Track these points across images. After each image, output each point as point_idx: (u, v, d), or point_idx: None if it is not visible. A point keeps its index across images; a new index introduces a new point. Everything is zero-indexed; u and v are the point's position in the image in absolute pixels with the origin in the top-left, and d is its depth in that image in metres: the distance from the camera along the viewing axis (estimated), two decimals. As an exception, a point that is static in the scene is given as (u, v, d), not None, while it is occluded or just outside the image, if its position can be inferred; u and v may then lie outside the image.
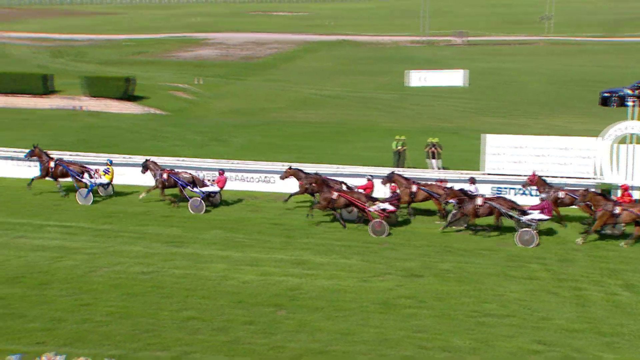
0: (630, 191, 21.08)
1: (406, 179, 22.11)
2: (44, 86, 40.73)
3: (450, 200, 20.61)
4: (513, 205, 20.02)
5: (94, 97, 40.20)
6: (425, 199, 21.94)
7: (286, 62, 61.73)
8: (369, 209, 20.54)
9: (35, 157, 23.94)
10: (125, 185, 24.36)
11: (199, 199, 22.41)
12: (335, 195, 20.85)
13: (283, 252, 18.79)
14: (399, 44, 77.00)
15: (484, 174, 24.23)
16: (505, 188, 23.51)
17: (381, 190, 22.78)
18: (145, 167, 23.47)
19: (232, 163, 25.33)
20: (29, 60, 57.10)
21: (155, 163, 23.56)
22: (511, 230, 20.24)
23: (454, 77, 51.18)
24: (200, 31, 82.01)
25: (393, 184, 21.84)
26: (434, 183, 22.31)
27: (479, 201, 20.18)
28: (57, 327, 14.03)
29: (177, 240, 19.55)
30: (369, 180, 22.39)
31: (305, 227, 21.20)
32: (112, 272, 17.07)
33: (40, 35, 74.66)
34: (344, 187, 21.93)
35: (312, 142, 33.16)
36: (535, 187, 21.85)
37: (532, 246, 19.37)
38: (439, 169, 26.39)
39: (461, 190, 20.66)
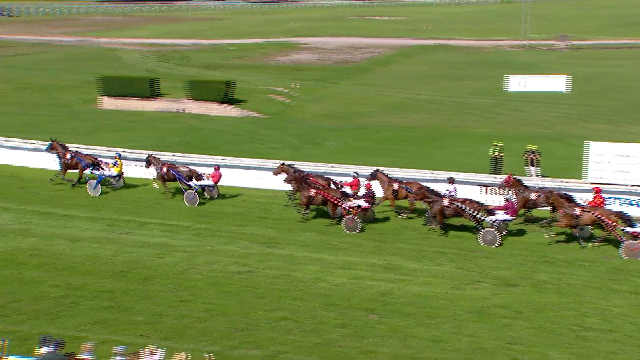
0: (602, 194, 20.92)
1: (389, 177, 22.62)
2: (151, 89, 42.42)
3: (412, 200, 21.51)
4: (479, 207, 20.24)
5: (196, 100, 41.52)
6: (407, 197, 22.05)
7: (381, 66, 61.55)
8: (343, 205, 21.11)
9: (53, 151, 25.42)
10: (224, 187, 24.97)
11: (193, 192, 23.38)
12: (312, 192, 21.52)
13: (375, 257, 18.71)
14: (498, 48, 75.14)
15: (586, 182, 23.25)
16: (610, 198, 22.37)
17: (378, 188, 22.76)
18: (148, 162, 24.61)
19: (328, 167, 25.49)
20: (138, 64, 59.69)
21: (156, 158, 24.67)
22: (614, 242, 19.31)
23: (556, 83, 49.27)
24: (298, 36, 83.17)
25: (368, 183, 22.42)
26: (414, 182, 22.42)
27: (446, 202, 20.44)
28: (159, 321, 14.56)
29: (271, 241, 19.86)
30: (354, 177, 23.07)
31: (398, 232, 21.04)
32: (209, 270, 17.55)
33: (148, 40, 77.94)
34: (332, 185, 22.60)
35: (405, 147, 32.89)
36: (511, 189, 21.72)
37: (494, 246, 19.41)
38: (537, 176, 25.52)
39: (430, 189, 21.04)
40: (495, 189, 23.49)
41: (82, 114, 39.79)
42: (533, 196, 21.09)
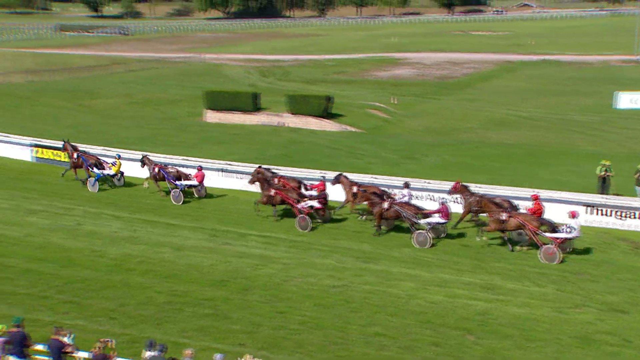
0: (539, 200, 21.30)
1: (350, 180, 23.85)
2: (254, 104, 43.54)
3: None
4: (417, 210, 21.25)
5: (296, 114, 42.20)
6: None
7: (482, 82, 60.35)
8: (297, 205, 22.46)
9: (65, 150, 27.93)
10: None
11: (179, 190, 25.34)
12: (272, 192, 23.05)
13: (472, 275, 18.28)
14: (607, 64, 71.90)
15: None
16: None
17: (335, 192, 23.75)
18: (142, 162, 26.48)
19: (425, 182, 25.18)
20: (241, 79, 61.46)
21: (149, 159, 26.52)
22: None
23: (670, 99, 46.55)
24: (398, 51, 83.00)
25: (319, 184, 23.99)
26: (371, 185, 23.55)
27: (385, 205, 21.40)
28: (256, 331, 14.83)
29: (367, 256, 19.81)
30: (321, 181, 24.42)
31: (496, 250, 20.46)
32: (305, 282, 17.72)
33: (252, 56, 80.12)
34: (302, 187, 24.12)
35: (506, 164, 31.99)
36: (459, 194, 22.52)
37: (427, 247, 20.40)
38: (648, 197, 24.14)
39: (374, 193, 22.07)
40: (601, 209, 22.46)
41: (189, 127, 41.33)
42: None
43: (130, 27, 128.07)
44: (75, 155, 27.59)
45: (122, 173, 27.50)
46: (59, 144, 29.78)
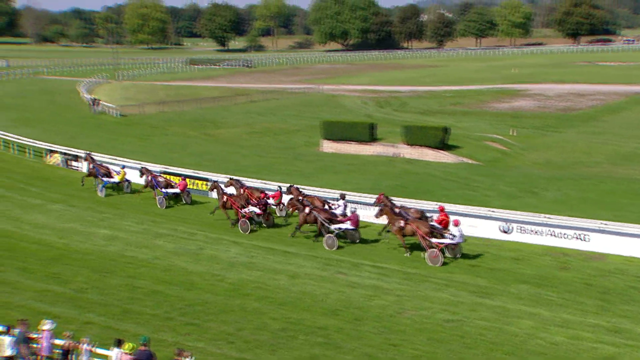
0: (445, 212, 23.71)
1: (299, 191, 26.57)
2: (370, 134, 43.80)
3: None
4: (331, 217, 24.14)
5: (412, 145, 41.99)
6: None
7: (610, 114, 57.45)
8: (241, 211, 25.71)
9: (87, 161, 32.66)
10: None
11: (162, 197, 29.18)
12: (225, 198, 26.46)
13: (598, 317, 17.25)
14: None
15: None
16: None
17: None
18: (141, 172, 30.53)
19: (545, 217, 24.21)
20: (358, 110, 62.08)
21: (147, 169, 30.61)
22: None
23: None
24: (518, 82, 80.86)
25: (263, 193, 27.34)
26: (314, 197, 26.52)
27: (307, 210, 24.27)
28: (368, 363, 14.71)
29: (483, 290, 19.22)
30: (277, 190, 28.01)
31: (625, 292, 19.23)
32: (418, 315, 17.42)
33: (368, 87, 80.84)
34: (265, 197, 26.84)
35: (634, 200, 30.08)
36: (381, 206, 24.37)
37: (334, 249, 23.04)
38: None
39: (298, 200, 25.03)
40: None
41: (305, 156, 42.15)
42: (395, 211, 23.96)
43: (254, 60, 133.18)
44: (91, 166, 31.94)
45: (128, 181, 31.57)
46: (185, 171, 31.64)
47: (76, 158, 35.36)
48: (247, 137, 49.89)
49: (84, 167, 34.28)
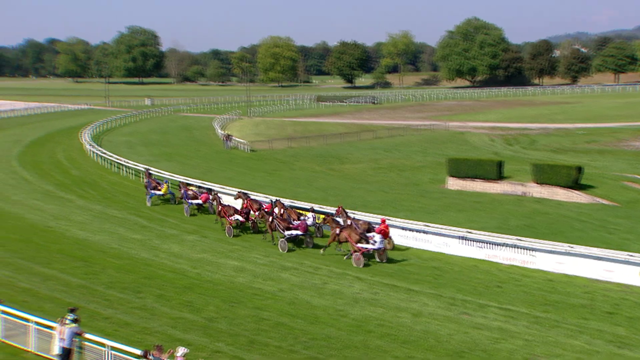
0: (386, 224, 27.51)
1: (282, 204, 31.12)
2: (497, 172, 42.64)
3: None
4: (287, 225, 28.16)
5: (542, 183, 40.38)
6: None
7: None
8: (228, 218, 30.54)
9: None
10: (566, 275, 23.59)
11: (187, 206, 34.95)
12: (219, 208, 31.72)
13: None
14: None
15: None
16: None
17: None
18: (179, 185, 36.99)
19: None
20: (485, 147, 60.71)
21: (185, 184, 36.82)
22: None
23: None
24: (660, 118, 75.96)
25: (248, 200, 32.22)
26: (292, 209, 30.63)
27: (270, 218, 28.78)
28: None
29: (621, 340, 18.00)
30: (269, 203, 32.05)
31: None
32: (550, 363, 16.55)
33: (496, 124, 79.03)
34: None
35: None
36: (339, 216, 28.90)
37: (284, 251, 27.27)
38: None
39: (267, 211, 30.20)
40: None
41: (430, 193, 41.67)
42: (348, 221, 28.20)
43: (380, 96, 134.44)
44: (145, 180, 38.11)
45: (172, 194, 37.24)
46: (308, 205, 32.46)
47: (209, 192, 37.04)
48: (372, 172, 50.15)
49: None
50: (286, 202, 32.45)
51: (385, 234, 26.85)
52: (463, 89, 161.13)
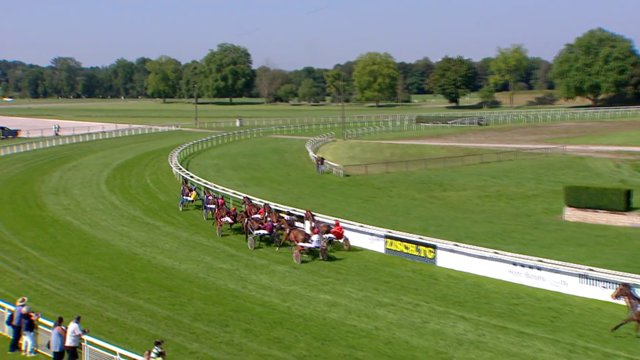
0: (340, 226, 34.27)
1: (269, 208, 37.64)
2: (625, 202, 40.76)
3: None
4: (259, 225, 34.74)
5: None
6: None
7: None
8: (219, 219, 37.67)
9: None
10: None
11: (204, 210, 41.96)
12: (216, 211, 38.90)
13: None
14: None
15: None
16: None
17: None
18: (206, 196, 43.55)
19: None
20: (610, 174, 58.30)
21: (208, 191, 45.00)
22: None
23: None
24: None
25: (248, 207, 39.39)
26: (275, 213, 36.98)
27: (246, 220, 35.62)
28: None
29: None
30: (262, 207, 38.31)
31: None
32: None
33: (623, 148, 75.83)
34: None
35: None
36: (308, 220, 35.43)
37: (252, 248, 33.94)
38: None
39: (246, 214, 37.29)
40: None
41: (544, 225, 40.36)
42: (313, 224, 34.56)
43: (487, 117, 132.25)
44: (182, 187, 46.84)
45: (202, 199, 43.37)
46: (411, 236, 32.19)
47: (300, 219, 37.49)
48: (478, 201, 49.21)
49: (306, 226, 36.16)
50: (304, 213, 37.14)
51: (339, 235, 33.72)
52: (583, 109, 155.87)
